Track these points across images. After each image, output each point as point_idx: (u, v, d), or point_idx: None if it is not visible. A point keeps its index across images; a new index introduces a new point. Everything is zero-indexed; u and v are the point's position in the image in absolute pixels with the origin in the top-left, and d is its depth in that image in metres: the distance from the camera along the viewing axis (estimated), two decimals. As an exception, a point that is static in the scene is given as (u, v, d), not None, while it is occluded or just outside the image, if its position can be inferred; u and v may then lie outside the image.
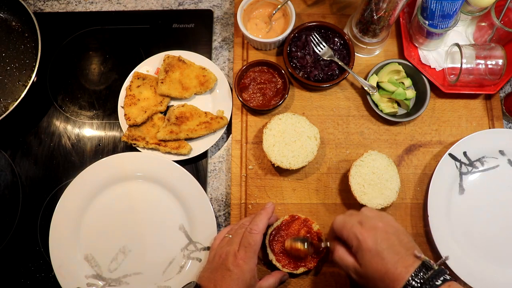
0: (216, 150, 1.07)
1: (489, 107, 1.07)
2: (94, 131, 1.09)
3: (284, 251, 0.89)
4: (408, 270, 0.66)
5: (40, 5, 1.19)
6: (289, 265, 0.89)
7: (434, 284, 0.63)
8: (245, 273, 0.77)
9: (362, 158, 0.96)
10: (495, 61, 0.97)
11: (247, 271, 0.77)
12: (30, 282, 0.99)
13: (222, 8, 1.19)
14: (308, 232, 0.91)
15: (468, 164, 1.00)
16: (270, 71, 1.05)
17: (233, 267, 0.78)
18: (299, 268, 0.89)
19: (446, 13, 0.93)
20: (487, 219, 0.98)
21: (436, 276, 0.64)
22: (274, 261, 0.89)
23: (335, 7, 1.14)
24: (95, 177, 0.99)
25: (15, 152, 1.07)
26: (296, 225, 0.92)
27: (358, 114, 1.06)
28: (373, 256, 0.69)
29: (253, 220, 0.84)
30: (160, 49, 1.10)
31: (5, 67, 1.11)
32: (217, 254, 0.83)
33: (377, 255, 0.69)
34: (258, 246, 0.81)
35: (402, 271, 0.66)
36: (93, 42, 1.15)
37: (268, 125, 0.98)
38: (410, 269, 0.66)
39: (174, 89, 1.04)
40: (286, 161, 0.95)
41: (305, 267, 0.89)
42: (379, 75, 1.04)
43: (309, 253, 0.87)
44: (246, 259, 0.78)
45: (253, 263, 0.79)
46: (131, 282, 0.96)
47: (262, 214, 0.85)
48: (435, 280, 0.64)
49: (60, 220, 0.97)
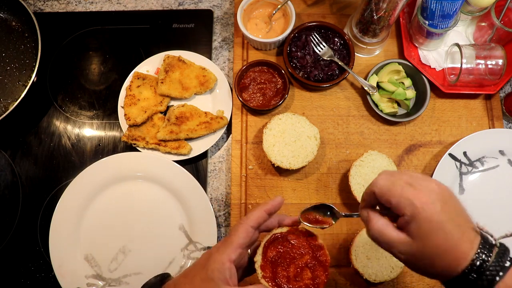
0: (216, 150, 1.07)
1: (489, 107, 1.07)
2: (94, 131, 1.09)
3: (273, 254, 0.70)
4: (472, 246, 0.53)
5: (40, 5, 1.19)
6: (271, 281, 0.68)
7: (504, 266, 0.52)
8: (210, 261, 0.63)
9: (362, 158, 0.96)
10: (495, 61, 0.97)
11: (213, 260, 0.63)
12: (30, 282, 0.99)
13: (222, 8, 1.19)
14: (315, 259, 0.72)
15: (468, 164, 1.00)
16: (270, 71, 1.05)
17: (204, 255, 0.66)
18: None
19: (446, 13, 0.93)
20: (487, 219, 0.97)
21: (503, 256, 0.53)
22: (258, 265, 0.69)
23: (335, 7, 1.14)
24: (95, 177, 0.99)
25: (15, 152, 1.07)
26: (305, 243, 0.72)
27: (358, 114, 1.06)
28: (434, 229, 0.54)
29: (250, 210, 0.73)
30: (160, 49, 1.10)
31: (5, 67, 1.11)
32: None
33: (439, 228, 0.54)
34: (238, 237, 0.65)
35: (466, 247, 0.53)
36: (93, 42, 1.15)
37: (268, 125, 0.98)
38: (474, 245, 0.53)
39: (174, 89, 1.04)
40: (286, 161, 0.95)
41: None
42: (379, 75, 1.04)
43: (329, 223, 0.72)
44: (220, 248, 0.64)
45: (226, 254, 0.63)
46: (131, 282, 0.96)
47: (260, 206, 0.69)
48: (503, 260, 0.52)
49: (60, 220, 0.97)
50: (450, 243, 0.54)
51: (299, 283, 0.68)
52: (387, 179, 0.59)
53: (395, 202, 0.56)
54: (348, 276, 0.95)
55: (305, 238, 0.72)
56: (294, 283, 0.68)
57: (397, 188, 0.57)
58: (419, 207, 0.54)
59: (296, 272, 0.69)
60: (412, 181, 0.57)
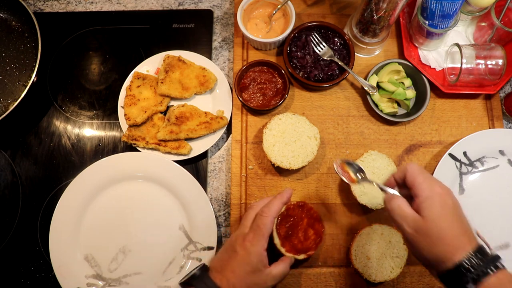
0: (216, 150, 1.07)
1: (489, 107, 1.07)
2: (94, 131, 1.09)
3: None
4: (471, 243, 0.63)
5: (40, 5, 1.19)
6: (291, 251, 0.88)
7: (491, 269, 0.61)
8: (251, 255, 0.75)
9: (362, 158, 0.96)
10: (495, 61, 0.97)
11: (253, 254, 0.75)
12: (30, 282, 0.99)
13: (222, 8, 1.19)
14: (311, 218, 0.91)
15: (468, 164, 1.00)
16: (270, 71, 1.05)
17: (240, 248, 0.77)
18: (300, 254, 0.88)
19: (446, 13, 0.93)
20: (487, 219, 0.98)
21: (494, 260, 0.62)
22: (279, 245, 0.88)
23: (335, 7, 1.14)
24: (95, 177, 0.99)
25: (15, 152, 1.07)
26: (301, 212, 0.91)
27: (358, 114, 1.06)
28: (442, 214, 0.64)
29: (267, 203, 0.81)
30: (160, 49, 1.10)
31: (5, 67, 1.11)
32: (229, 238, 0.83)
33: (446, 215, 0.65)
34: (267, 229, 0.78)
35: (465, 242, 0.63)
36: (93, 42, 1.15)
37: (268, 125, 0.98)
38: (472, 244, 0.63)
39: (174, 89, 1.05)
40: (286, 161, 0.95)
41: (305, 254, 0.88)
42: (379, 75, 1.04)
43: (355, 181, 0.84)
44: (254, 241, 0.76)
45: (261, 246, 0.76)
46: (131, 282, 0.96)
47: (277, 199, 0.81)
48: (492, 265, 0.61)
49: (60, 220, 0.97)
50: (452, 232, 0.63)
51: (309, 240, 0.89)
52: (419, 166, 0.71)
53: (418, 183, 0.68)
54: (348, 276, 0.95)
55: (298, 207, 0.91)
56: (307, 243, 0.88)
57: (424, 174, 0.69)
58: (435, 193, 0.66)
59: (304, 234, 0.89)
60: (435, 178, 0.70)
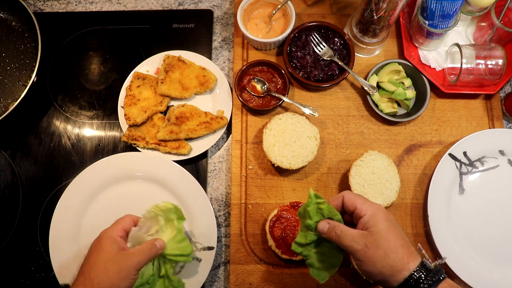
0: (216, 150, 1.07)
1: (489, 107, 1.07)
2: (94, 131, 1.09)
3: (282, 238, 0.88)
4: (415, 261, 0.67)
5: (40, 5, 1.19)
6: (287, 252, 0.89)
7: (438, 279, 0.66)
8: (102, 240, 0.79)
9: (362, 158, 0.96)
10: (495, 61, 0.98)
11: (104, 238, 0.79)
12: (30, 282, 0.99)
13: (222, 8, 1.19)
14: None
15: (468, 164, 1.00)
16: (270, 71, 1.05)
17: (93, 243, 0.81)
18: (297, 255, 0.88)
19: (446, 13, 0.93)
20: (487, 219, 0.98)
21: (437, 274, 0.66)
22: (274, 247, 0.90)
23: (335, 7, 1.14)
24: (95, 177, 0.99)
25: (15, 152, 1.07)
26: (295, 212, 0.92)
27: (358, 114, 1.06)
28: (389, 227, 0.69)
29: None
30: (160, 49, 1.10)
31: (5, 67, 1.11)
32: None
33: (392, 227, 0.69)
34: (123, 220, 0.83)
35: (409, 261, 0.67)
36: (93, 42, 1.16)
37: (268, 125, 0.98)
38: (416, 262, 0.67)
39: (174, 89, 1.04)
40: (286, 161, 0.95)
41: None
42: (379, 75, 1.04)
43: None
44: (106, 230, 0.81)
45: (111, 230, 0.81)
46: (131, 282, 0.96)
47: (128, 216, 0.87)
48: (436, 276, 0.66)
49: (60, 220, 0.97)
50: (400, 241, 0.68)
51: None
52: (351, 193, 0.76)
53: (359, 204, 0.72)
54: (348, 276, 0.95)
55: (292, 207, 0.92)
56: None
57: (362, 197, 0.74)
58: (378, 209, 0.71)
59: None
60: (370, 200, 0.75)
